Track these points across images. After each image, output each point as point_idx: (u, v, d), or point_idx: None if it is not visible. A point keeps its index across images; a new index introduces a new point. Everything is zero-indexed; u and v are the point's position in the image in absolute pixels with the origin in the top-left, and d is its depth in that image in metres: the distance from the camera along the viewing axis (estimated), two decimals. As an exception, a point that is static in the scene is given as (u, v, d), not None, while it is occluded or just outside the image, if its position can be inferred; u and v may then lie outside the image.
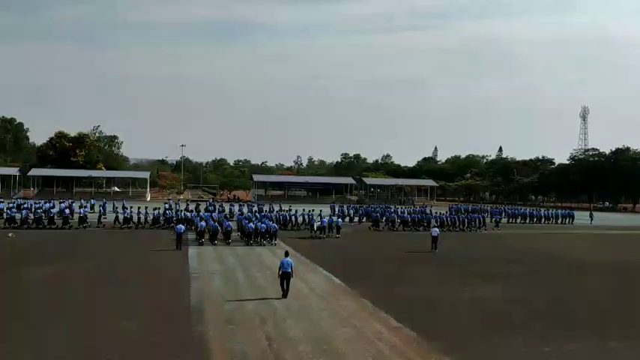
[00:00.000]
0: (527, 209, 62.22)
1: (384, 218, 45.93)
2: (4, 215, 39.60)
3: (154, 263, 24.49)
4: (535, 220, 55.60)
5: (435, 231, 32.06)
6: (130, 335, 13.42)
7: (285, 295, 17.91)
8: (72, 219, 39.66)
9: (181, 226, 30.36)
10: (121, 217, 39.51)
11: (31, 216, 38.37)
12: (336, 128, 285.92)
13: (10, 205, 43.42)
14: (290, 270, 17.97)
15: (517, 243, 37.20)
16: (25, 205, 43.95)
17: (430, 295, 19.24)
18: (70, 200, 51.23)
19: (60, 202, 48.01)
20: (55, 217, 39.58)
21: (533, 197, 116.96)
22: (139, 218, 39.39)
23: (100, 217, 40.51)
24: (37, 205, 43.17)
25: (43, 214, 39.49)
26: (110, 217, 40.59)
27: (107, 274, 21.50)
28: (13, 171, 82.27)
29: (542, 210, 62.73)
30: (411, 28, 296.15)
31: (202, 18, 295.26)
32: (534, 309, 17.60)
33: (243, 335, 13.56)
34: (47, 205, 43.54)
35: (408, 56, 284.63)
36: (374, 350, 12.78)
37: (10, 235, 33.10)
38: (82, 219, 38.64)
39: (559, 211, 59.93)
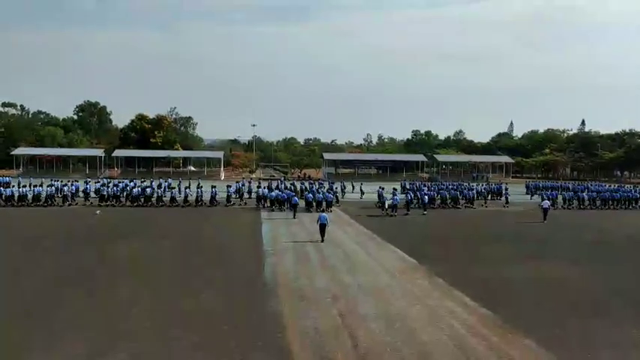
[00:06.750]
0: (612, 186, 58.35)
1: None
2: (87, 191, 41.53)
3: (228, 239, 25.24)
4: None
5: (547, 203, 35.14)
6: (205, 309, 13.89)
7: (322, 240, 23.50)
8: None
9: (296, 199, 36.20)
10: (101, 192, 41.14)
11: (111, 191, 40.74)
12: (406, 105, 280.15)
13: (97, 184, 46.02)
14: (326, 222, 24.09)
15: (611, 224, 35.13)
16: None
17: (509, 274, 18.60)
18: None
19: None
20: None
21: (618, 173, 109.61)
22: (118, 195, 40.73)
23: (87, 195, 42.20)
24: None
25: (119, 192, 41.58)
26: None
27: (182, 250, 22.37)
28: (99, 152, 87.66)
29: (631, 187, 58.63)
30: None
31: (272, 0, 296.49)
32: (622, 292, 16.59)
33: (316, 311, 13.71)
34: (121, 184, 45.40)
35: (481, 27, 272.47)
36: (448, 329, 12.53)
37: (97, 212, 35.32)
38: (66, 197, 40.19)
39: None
